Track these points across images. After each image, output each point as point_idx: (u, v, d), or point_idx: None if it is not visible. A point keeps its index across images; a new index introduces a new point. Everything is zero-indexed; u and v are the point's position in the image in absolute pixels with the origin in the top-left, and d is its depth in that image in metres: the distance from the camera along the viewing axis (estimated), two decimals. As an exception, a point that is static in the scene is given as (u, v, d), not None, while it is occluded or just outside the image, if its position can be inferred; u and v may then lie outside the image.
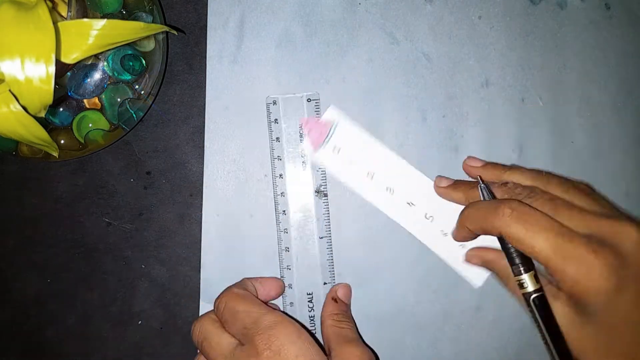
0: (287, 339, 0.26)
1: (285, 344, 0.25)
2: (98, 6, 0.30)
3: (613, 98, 0.35)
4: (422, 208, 0.33)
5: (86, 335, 0.34)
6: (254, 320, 0.27)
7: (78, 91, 0.30)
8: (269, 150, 0.34)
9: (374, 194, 0.33)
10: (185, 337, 0.34)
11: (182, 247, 0.35)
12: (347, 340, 0.29)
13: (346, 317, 0.31)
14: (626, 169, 0.34)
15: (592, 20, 0.35)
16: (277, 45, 0.34)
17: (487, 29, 0.34)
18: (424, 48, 0.34)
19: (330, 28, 0.34)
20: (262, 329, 0.26)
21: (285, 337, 0.26)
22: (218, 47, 0.34)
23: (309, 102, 0.34)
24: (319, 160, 0.33)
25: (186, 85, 0.35)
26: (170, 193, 0.35)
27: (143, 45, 0.32)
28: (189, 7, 0.35)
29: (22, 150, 0.32)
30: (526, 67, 0.34)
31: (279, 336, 0.26)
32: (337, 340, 0.29)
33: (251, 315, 0.27)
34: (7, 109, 0.25)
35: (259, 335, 0.26)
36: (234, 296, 0.29)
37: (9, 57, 0.24)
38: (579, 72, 0.35)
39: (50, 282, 0.35)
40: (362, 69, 0.34)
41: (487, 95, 0.34)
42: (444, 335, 0.34)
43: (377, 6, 0.34)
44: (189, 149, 0.35)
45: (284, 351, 0.25)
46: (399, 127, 0.34)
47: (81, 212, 0.35)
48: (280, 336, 0.26)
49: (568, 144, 0.34)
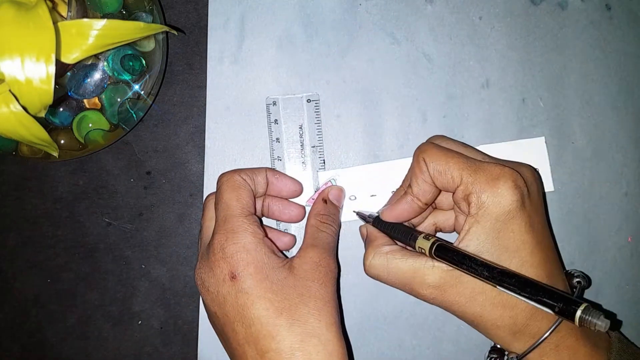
0: (242, 247, 0.26)
1: (239, 250, 0.26)
2: (98, 6, 0.30)
3: (613, 98, 0.35)
4: None
5: (86, 335, 0.34)
6: (224, 217, 0.28)
7: (78, 91, 0.30)
8: (269, 150, 0.34)
9: (383, 203, 0.33)
10: (185, 337, 0.34)
11: (182, 247, 0.35)
12: (315, 244, 0.29)
13: (331, 220, 0.31)
14: (626, 170, 0.34)
15: (592, 20, 0.35)
16: (278, 45, 0.34)
17: (487, 29, 0.34)
18: (425, 48, 0.34)
19: (330, 29, 0.34)
20: (225, 229, 0.27)
21: (241, 246, 0.27)
22: (219, 48, 0.34)
23: (309, 103, 0.34)
24: (348, 218, 0.33)
25: (186, 85, 0.35)
26: (170, 193, 0.35)
27: (143, 45, 0.32)
28: (189, 7, 0.35)
29: (22, 150, 0.32)
30: (527, 67, 0.34)
31: (236, 241, 0.27)
32: (309, 242, 0.29)
33: (225, 211, 0.28)
34: (7, 109, 0.25)
35: (219, 234, 0.27)
36: (229, 185, 0.29)
37: (9, 57, 0.24)
38: (580, 73, 0.35)
39: (50, 282, 0.35)
40: (362, 70, 0.34)
41: (488, 95, 0.34)
42: (444, 335, 0.34)
43: (377, 7, 0.34)
44: (189, 149, 0.35)
45: (236, 257, 0.26)
46: (399, 127, 0.34)
47: (81, 212, 0.35)
48: (237, 241, 0.27)
49: (568, 144, 0.34)
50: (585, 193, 0.34)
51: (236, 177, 0.29)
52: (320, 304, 0.26)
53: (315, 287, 0.27)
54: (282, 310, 0.25)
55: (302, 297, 0.26)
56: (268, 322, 0.25)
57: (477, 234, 0.26)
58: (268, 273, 0.26)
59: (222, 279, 0.26)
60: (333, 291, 0.27)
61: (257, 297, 0.26)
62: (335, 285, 0.28)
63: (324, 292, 0.27)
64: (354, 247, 0.34)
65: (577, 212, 0.34)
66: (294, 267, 0.27)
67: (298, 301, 0.26)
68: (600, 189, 0.34)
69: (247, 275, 0.26)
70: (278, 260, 0.27)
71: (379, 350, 0.34)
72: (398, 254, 0.28)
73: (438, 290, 0.26)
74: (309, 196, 0.33)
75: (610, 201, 0.34)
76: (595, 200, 0.34)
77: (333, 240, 0.30)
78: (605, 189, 0.34)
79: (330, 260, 0.28)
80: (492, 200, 0.25)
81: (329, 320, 0.26)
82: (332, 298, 0.27)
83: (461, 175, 0.26)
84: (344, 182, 0.33)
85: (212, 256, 0.27)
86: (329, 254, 0.29)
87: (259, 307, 0.25)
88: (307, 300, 0.26)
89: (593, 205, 0.34)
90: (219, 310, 0.27)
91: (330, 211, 0.31)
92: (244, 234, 0.27)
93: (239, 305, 0.26)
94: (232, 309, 0.26)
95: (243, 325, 0.26)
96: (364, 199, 0.33)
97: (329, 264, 0.28)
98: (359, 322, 0.33)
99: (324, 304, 0.26)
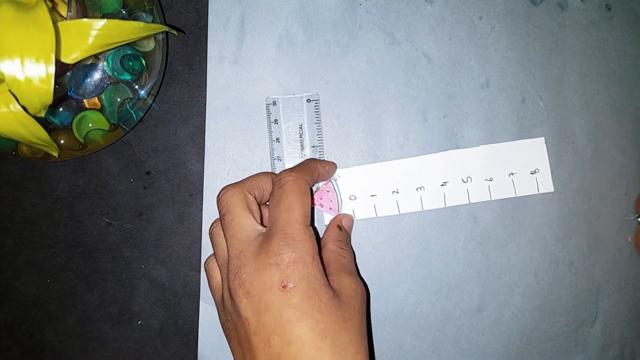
0: (300, 258, 0.25)
1: (297, 261, 0.25)
2: (98, 6, 0.30)
3: (613, 99, 0.35)
4: (432, 183, 0.33)
5: (86, 335, 0.34)
6: (285, 220, 0.26)
7: (78, 91, 0.30)
8: (269, 150, 0.34)
9: (384, 204, 0.33)
10: (185, 337, 0.34)
11: (182, 247, 0.35)
12: (346, 271, 0.28)
13: (348, 246, 0.31)
14: (626, 170, 0.34)
15: (592, 21, 0.35)
16: (278, 45, 0.34)
17: (487, 29, 0.34)
18: (425, 48, 0.34)
19: (330, 29, 0.34)
20: (285, 234, 0.25)
21: (300, 256, 0.25)
22: (219, 48, 0.34)
23: (309, 103, 0.34)
24: (351, 214, 0.33)
25: (186, 85, 0.35)
26: (170, 193, 0.35)
27: (143, 45, 0.32)
28: (189, 7, 0.35)
29: (22, 150, 0.32)
30: (527, 67, 0.34)
31: (295, 250, 0.25)
32: (337, 267, 0.28)
33: (287, 213, 0.26)
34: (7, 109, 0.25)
35: (278, 236, 0.25)
36: (296, 187, 0.27)
37: (9, 57, 0.24)
38: (580, 73, 0.35)
39: (50, 282, 0.35)
40: (362, 70, 0.34)
41: (488, 95, 0.34)
42: (445, 336, 0.34)
43: (377, 7, 0.34)
44: (189, 149, 0.35)
45: (292, 267, 0.24)
46: (399, 127, 0.34)
47: (81, 212, 0.35)
48: (296, 251, 0.25)
49: (568, 144, 0.34)
50: (585, 193, 0.34)
51: (302, 182, 0.27)
52: (359, 335, 0.25)
53: (356, 316, 0.26)
54: (327, 334, 0.24)
55: (346, 322, 0.25)
56: (312, 343, 0.24)
57: None
58: (319, 290, 0.25)
59: (269, 285, 0.24)
60: (366, 323, 0.27)
61: (304, 314, 0.24)
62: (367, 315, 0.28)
63: (363, 322, 0.26)
64: (355, 248, 0.34)
65: (577, 212, 0.34)
66: (336, 289, 0.26)
67: (342, 326, 0.25)
68: (600, 189, 0.34)
69: (300, 289, 0.24)
70: (326, 279, 0.26)
71: (379, 350, 0.34)
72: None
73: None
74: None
75: (610, 201, 0.34)
76: (596, 200, 0.34)
77: (354, 266, 0.30)
78: (605, 189, 0.34)
79: (363, 287, 0.28)
80: None
81: (364, 352, 0.25)
82: (366, 331, 0.27)
83: None
84: (344, 182, 0.33)
85: (264, 258, 0.25)
86: (360, 280, 0.28)
87: (304, 325, 0.24)
88: (350, 328, 0.25)
89: (593, 205, 0.34)
90: (254, 317, 0.24)
91: (346, 238, 0.31)
92: (305, 245, 0.25)
93: (283, 319, 0.24)
94: (272, 321, 0.24)
95: (281, 340, 0.24)
96: (364, 199, 0.33)
97: (364, 290, 0.28)
98: (359, 322, 0.33)
99: (362, 336, 0.26)
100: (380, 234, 0.34)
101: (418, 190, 0.33)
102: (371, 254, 0.34)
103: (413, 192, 0.33)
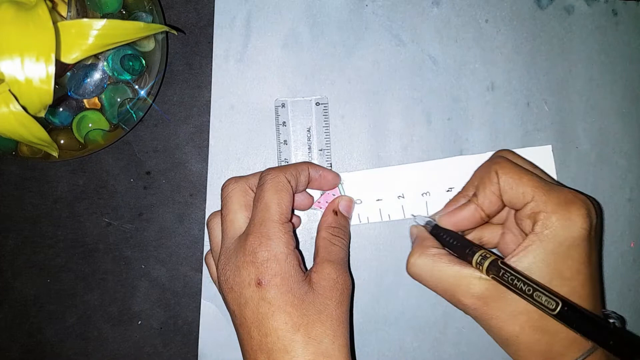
0: (274, 256, 0.26)
1: (270, 259, 0.26)
2: (98, 6, 0.30)
3: (618, 103, 0.34)
4: (438, 188, 0.33)
5: (86, 335, 0.34)
6: (261, 219, 0.27)
7: (78, 91, 0.30)
8: (276, 152, 0.34)
9: (390, 209, 0.33)
10: (185, 337, 0.34)
11: (182, 247, 0.34)
12: (330, 259, 0.29)
13: (342, 232, 0.31)
14: (630, 175, 0.34)
15: (598, 25, 0.34)
16: (284, 45, 0.34)
17: (493, 32, 0.34)
18: (430, 50, 0.34)
19: (336, 29, 0.34)
20: (260, 233, 0.26)
21: (273, 254, 0.26)
22: (224, 46, 0.34)
23: (318, 106, 0.34)
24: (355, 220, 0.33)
25: (186, 85, 0.34)
26: (170, 193, 0.34)
27: (143, 45, 0.31)
28: (189, 7, 0.34)
29: (22, 150, 0.31)
30: (532, 71, 0.34)
31: (269, 248, 0.26)
32: (324, 255, 0.29)
33: (263, 212, 0.27)
34: (7, 109, 0.25)
35: (253, 236, 0.27)
36: (273, 185, 0.28)
37: (9, 57, 0.24)
38: (585, 77, 0.34)
39: (50, 282, 0.34)
40: (367, 71, 0.34)
41: (493, 98, 0.34)
42: (446, 338, 0.34)
43: (383, 8, 0.34)
44: (189, 149, 0.34)
45: (265, 265, 0.26)
46: (403, 129, 0.34)
47: (81, 212, 0.34)
48: (270, 249, 0.26)
49: (572, 148, 0.34)
50: (588, 198, 0.34)
51: (282, 178, 0.28)
52: (335, 325, 0.26)
53: (333, 306, 0.27)
54: (300, 327, 0.25)
55: (319, 314, 0.26)
56: (285, 335, 0.25)
57: (536, 253, 0.25)
58: (292, 286, 0.26)
59: (247, 282, 0.26)
60: (347, 311, 0.27)
61: (278, 308, 0.25)
62: (349, 304, 0.28)
63: (340, 312, 0.27)
64: (355, 248, 0.34)
65: (580, 217, 0.34)
66: (313, 282, 0.27)
67: (315, 319, 0.26)
68: (604, 194, 0.34)
69: (273, 286, 0.26)
70: (302, 274, 0.27)
71: (380, 351, 0.34)
72: (445, 259, 0.27)
73: (481, 301, 0.26)
74: (315, 199, 0.33)
75: (613, 206, 0.34)
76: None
77: (346, 254, 0.30)
78: (609, 194, 0.34)
79: (346, 277, 0.28)
80: (562, 224, 0.25)
81: (342, 342, 0.26)
82: (346, 319, 0.27)
83: (534, 193, 0.26)
84: (350, 186, 0.33)
85: (241, 256, 0.27)
86: (344, 269, 0.28)
87: (278, 319, 0.25)
88: (324, 319, 0.26)
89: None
90: (238, 310, 0.27)
91: (341, 223, 0.31)
92: (278, 242, 0.26)
93: (259, 313, 0.26)
94: (252, 314, 0.26)
95: (259, 332, 0.26)
96: (370, 202, 0.33)
97: (345, 280, 0.28)
98: (359, 323, 0.33)
99: (339, 325, 0.26)
100: (383, 235, 0.34)
101: (424, 195, 0.33)
102: (374, 255, 0.34)
103: (419, 197, 0.33)
